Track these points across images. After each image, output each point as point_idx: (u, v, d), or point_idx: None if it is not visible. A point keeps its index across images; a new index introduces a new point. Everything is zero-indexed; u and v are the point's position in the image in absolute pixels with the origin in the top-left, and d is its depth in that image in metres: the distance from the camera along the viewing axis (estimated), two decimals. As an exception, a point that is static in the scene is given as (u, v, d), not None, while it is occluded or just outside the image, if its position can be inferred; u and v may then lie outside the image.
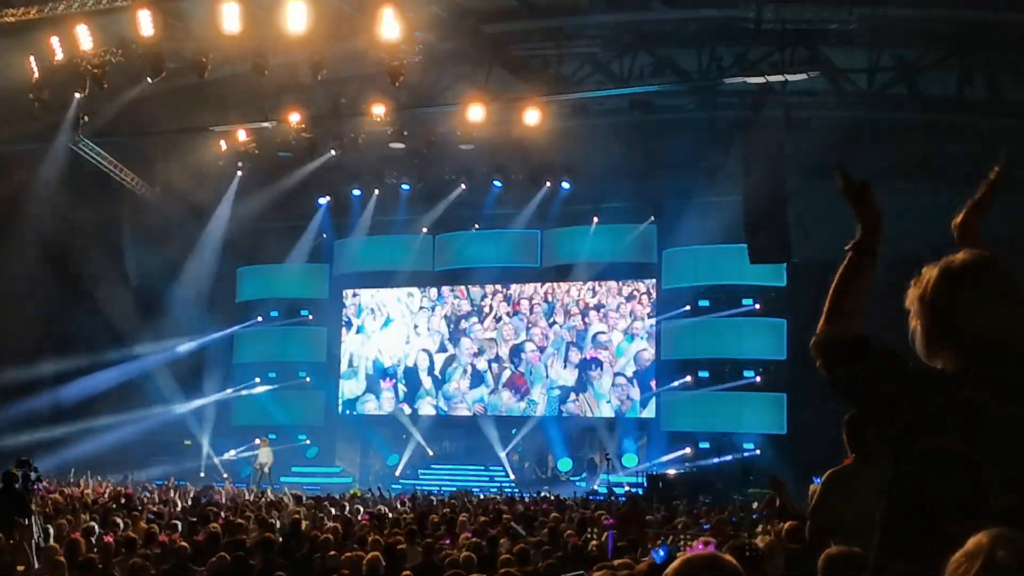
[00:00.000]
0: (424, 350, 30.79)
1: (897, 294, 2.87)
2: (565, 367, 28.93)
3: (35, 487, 13.43)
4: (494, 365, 29.90)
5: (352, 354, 31.67)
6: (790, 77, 20.91)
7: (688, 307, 27.27)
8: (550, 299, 29.56)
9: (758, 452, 25.63)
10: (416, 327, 30.97)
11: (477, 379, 30.06)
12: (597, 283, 28.97)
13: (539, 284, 29.80)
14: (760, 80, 21.64)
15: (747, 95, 22.80)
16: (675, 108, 25.06)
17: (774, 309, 26.54)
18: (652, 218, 27.94)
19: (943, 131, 22.27)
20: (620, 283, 28.86)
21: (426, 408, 30.48)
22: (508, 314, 29.92)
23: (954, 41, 20.49)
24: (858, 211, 2.92)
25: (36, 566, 9.15)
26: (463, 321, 30.42)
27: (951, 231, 3.20)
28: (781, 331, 26.21)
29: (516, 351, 29.68)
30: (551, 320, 29.41)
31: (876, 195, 2.93)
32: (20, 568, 9.39)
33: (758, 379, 26.51)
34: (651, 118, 24.94)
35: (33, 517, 12.31)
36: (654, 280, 28.34)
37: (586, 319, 28.93)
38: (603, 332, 28.71)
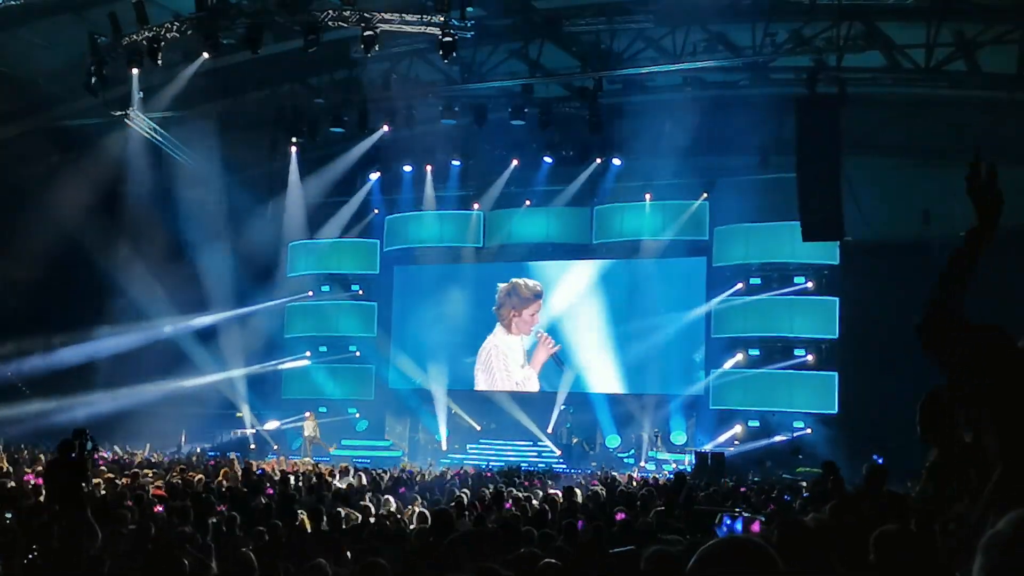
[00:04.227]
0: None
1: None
2: (615, 343, 28.79)
3: (92, 456, 13.68)
4: (544, 340, 29.84)
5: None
6: (845, 53, 20.64)
7: (740, 285, 27.09)
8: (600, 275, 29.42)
9: (809, 431, 25.47)
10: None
11: (527, 356, 30.07)
12: (648, 260, 28.73)
13: (590, 261, 29.64)
14: (815, 56, 21.40)
15: (801, 71, 22.55)
16: (728, 84, 24.86)
17: (827, 287, 26.30)
18: (704, 195, 27.71)
19: (1003, 108, 21.86)
20: (671, 260, 28.64)
21: (477, 384, 30.54)
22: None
23: (1015, 15, 20.08)
24: (979, 199, 2.85)
25: (99, 536, 9.33)
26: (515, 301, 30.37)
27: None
28: (833, 310, 25.94)
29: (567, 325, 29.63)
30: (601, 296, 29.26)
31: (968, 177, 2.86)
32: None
33: (810, 358, 26.30)
34: (703, 94, 24.78)
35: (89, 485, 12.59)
36: (705, 257, 28.11)
37: (636, 296, 28.71)
38: (653, 309, 28.51)
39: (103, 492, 13.64)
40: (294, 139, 28.39)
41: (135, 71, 23.47)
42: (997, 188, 2.84)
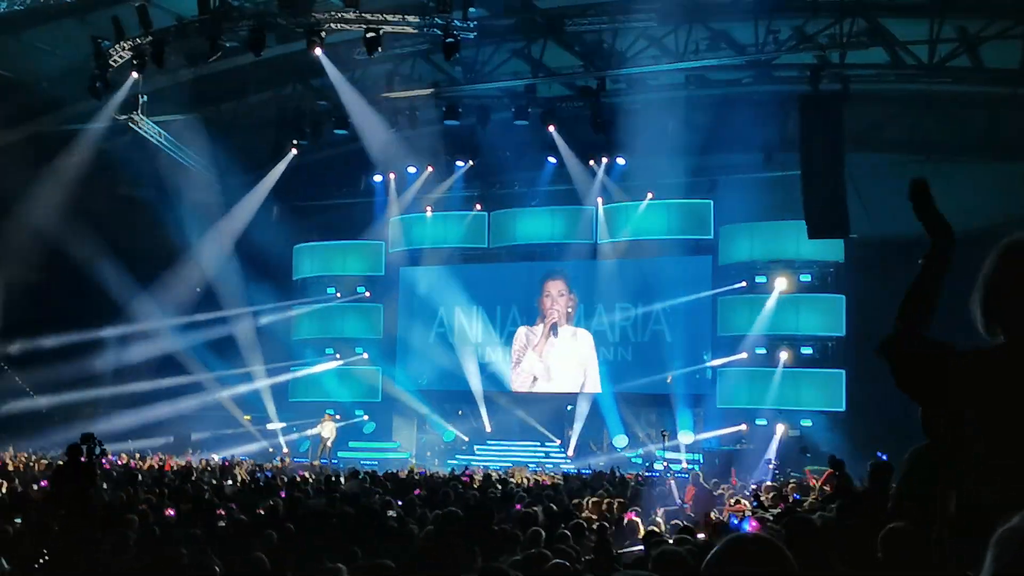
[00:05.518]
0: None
1: (961, 271, 2.83)
2: (621, 342, 28.79)
3: (99, 460, 13.72)
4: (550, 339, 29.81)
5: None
6: (848, 50, 20.60)
7: (745, 283, 27.05)
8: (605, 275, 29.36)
9: (813, 427, 25.42)
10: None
11: (534, 355, 30.02)
12: (653, 259, 28.66)
13: (595, 260, 29.58)
14: (818, 53, 21.37)
15: (804, 68, 22.52)
16: (731, 82, 24.82)
17: (832, 285, 26.26)
18: (708, 194, 27.68)
19: (1006, 104, 21.81)
20: (676, 259, 28.57)
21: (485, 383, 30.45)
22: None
23: (1018, 11, 20.03)
24: (922, 218, 2.88)
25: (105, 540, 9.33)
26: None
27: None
28: (840, 307, 25.89)
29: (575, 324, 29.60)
30: (606, 295, 29.20)
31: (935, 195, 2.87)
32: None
33: (816, 355, 26.25)
34: (707, 92, 24.74)
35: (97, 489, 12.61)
36: (711, 256, 28.06)
37: (641, 294, 28.65)
38: (659, 307, 28.48)
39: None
40: (296, 140, 28.36)
41: (138, 74, 23.50)
42: (934, 206, 2.87)
